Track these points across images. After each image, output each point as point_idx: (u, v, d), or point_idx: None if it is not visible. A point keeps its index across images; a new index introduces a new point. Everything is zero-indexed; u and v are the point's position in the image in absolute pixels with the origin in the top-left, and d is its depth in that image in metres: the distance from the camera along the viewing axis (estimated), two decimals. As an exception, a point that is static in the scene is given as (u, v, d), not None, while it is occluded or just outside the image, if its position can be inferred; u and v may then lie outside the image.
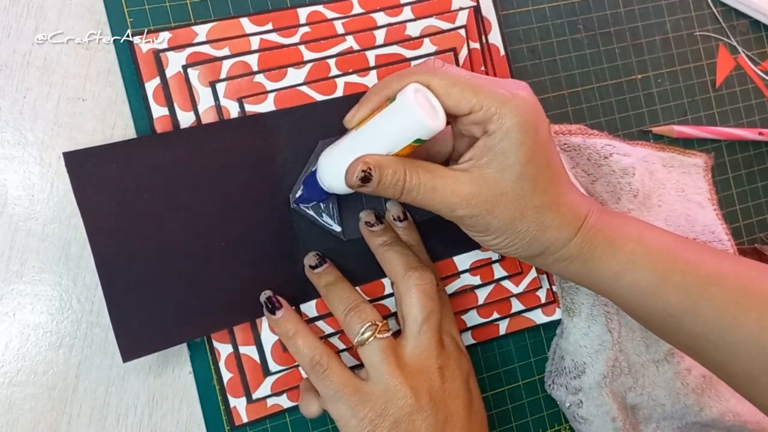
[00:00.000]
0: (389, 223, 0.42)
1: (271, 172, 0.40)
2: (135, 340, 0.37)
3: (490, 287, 0.45)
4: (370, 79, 0.43)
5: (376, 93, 0.35)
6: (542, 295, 0.47)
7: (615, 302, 0.39)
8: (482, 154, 0.34)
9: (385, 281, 0.43)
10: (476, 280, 0.44)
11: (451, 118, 0.35)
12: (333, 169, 0.36)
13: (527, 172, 0.34)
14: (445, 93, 0.34)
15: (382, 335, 0.37)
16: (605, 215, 0.37)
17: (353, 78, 0.43)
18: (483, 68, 0.46)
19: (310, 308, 0.41)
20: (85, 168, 0.37)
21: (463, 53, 0.45)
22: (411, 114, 0.33)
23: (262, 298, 0.40)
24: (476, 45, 0.46)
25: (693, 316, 0.35)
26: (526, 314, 0.47)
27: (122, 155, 0.38)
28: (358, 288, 0.42)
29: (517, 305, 0.46)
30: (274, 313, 0.39)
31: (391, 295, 0.43)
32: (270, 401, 0.42)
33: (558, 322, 0.47)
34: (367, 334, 0.37)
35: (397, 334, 0.39)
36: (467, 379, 0.39)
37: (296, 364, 0.41)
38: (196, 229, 0.39)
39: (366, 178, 0.34)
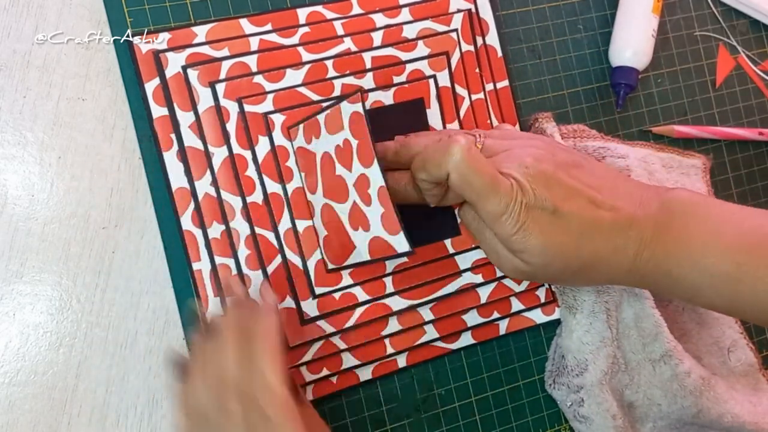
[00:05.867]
0: None
1: None
2: None
3: (492, 285, 0.45)
4: (366, 81, 0.43)
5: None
6: (542, 294, 0.47)
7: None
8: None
9: (386, 281, 0.43)
10: (478, 278, 0.44)
11: None
12: None
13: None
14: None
15: None
16: (667, 236, 0.37)
17: (350, 80, 0.43)
18: (477, 70, 0.46)
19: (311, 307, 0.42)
20: None
21: (456, 56, 0.45)
22: None
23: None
24: (470, 47, 0.46)
25: None
26: (526, 314, 0.47)
27: None
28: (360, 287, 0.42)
29: (516, 305, 0.46)
30: None
31: (391, 294, 0.43)
32: (270, 401, 0.42)
33: (558, 321, 0.47)
34: None
35: None
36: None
37: (296, 364, 0.41)
38: None
39: None
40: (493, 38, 0.47)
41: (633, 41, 0.49)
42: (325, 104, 0.41)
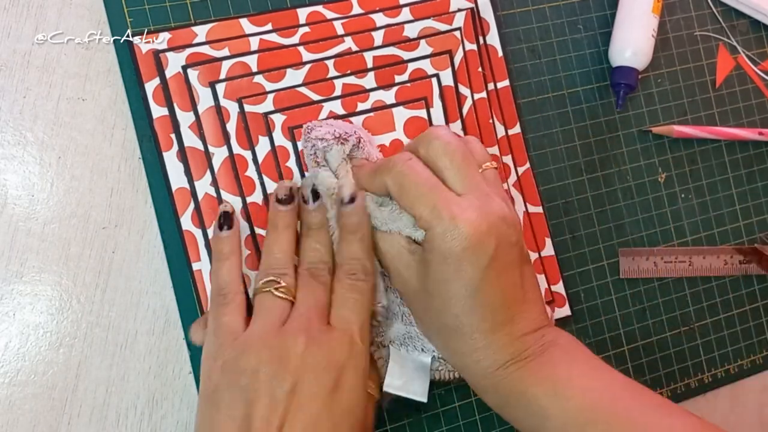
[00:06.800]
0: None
1: None
2: None
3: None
4: (368, 81, 0.43)
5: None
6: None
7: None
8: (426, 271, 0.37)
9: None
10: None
11: None
12: None
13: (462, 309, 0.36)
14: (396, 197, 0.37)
15: (279, 294, 0.37)
16: (540, 358, 0.36)
17: (351, 79, 0.43)
18: (480, 69, 0.46)
19: None
20: None
21: (459, 55, 0.45)
22: None
23: (222, 208, 0.40)
24: (473, 46, 0.46)
25: None
26: (526, 314, 0.46)
27: None
28: None
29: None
30: (221, 229, 0.39)
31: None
32: (270, 401, 0.42)
33: (558, 321, 0.47)
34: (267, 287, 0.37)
35: None
36: (339, 369, 0.36)
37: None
38: None
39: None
40: (493, 38, 0.47)
41: (633, 41, 0.49)
42: (324, 103, 0.41)
